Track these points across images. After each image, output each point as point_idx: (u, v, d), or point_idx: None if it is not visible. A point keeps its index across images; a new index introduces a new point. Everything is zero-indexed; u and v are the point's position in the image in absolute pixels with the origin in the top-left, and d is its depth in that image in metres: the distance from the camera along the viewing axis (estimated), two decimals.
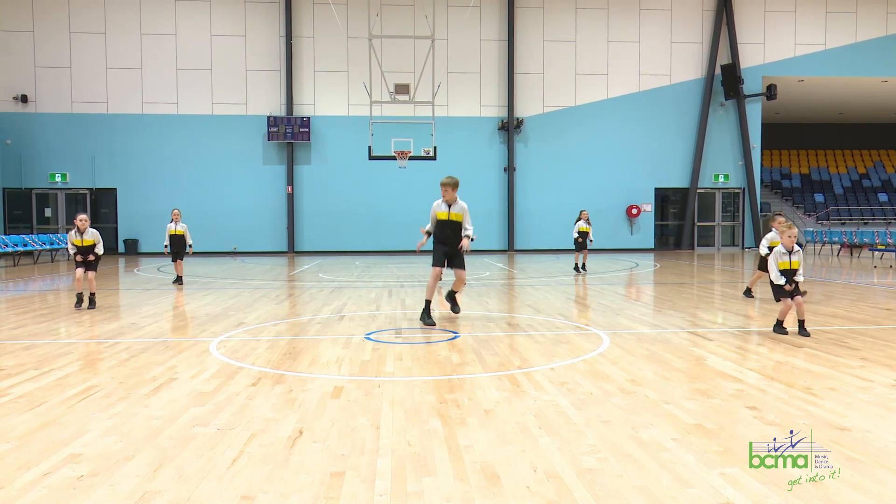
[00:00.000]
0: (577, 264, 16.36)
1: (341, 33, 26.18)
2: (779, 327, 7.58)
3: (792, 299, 7.36)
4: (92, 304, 9.94)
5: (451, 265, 8.63)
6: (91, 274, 10.07)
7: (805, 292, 7.73)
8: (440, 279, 8.60)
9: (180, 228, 13.63)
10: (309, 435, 3.89)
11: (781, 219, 10.02)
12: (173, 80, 26.15)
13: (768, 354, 6.26)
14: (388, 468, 3.38)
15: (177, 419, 4.21)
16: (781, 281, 7.32)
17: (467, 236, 8.45)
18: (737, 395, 4.73)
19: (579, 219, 16.23)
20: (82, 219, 10.01)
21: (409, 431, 3.95)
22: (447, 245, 8.50)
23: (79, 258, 10.08)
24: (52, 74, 25.66)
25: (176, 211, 13.85)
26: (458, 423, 4.11)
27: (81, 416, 4.28)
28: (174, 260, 13.73)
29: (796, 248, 7.40)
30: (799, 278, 7.33)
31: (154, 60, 26.08)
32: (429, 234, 8.68)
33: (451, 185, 8.35)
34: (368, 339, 7.16)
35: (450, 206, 8.44)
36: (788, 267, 7.33)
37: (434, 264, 8.55)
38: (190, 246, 13.80)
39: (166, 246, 13.63)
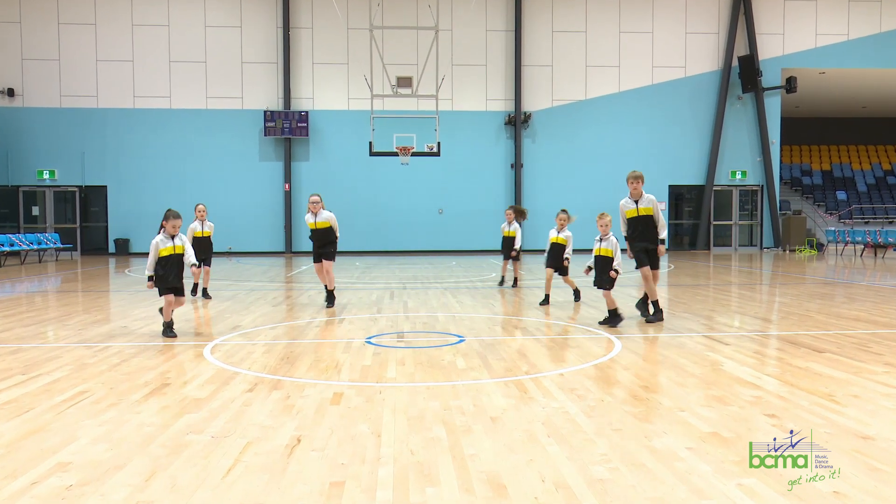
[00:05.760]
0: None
1: (341, 24, 25.68)
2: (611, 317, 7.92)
3: (601, 288, 7.86)
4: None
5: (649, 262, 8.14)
6: (182, 299, 7.64)
7: (608, 289, 7.91)
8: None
9: (207, 229, 11.63)
10: (307, 443, 3.84)
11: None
12: (166, 73, 25.62)
13: (788, 360, 6.06)
14: (390, 478, 3.32)
15: (170, 426, 4.15)
16: (590, 264, 8.09)
17: (662, 240, 8.09)
18: (755, 403, 4.61)
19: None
20: (175, 224, 7.62)
21: (412, 439, 3.89)
22: (645, 241, 8.07)
23: (172, 289, 7.49)
24: (40, 67, 25.12)
25: (201, 206, 11.90)
26: (463, 430, 4.05)
27: (70, 423, 4.22)
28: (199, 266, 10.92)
29: (611, 236, 7.86)
30: (618, 269, 7.74)
31: (146, 53, 25.53)
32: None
33: (638, 178, 8.00)
34: (369, 343, 7.05)
35: (637, 202, 8.11)
36: (599, 253, 7.91)
37: (639, 266, 8.12)
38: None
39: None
